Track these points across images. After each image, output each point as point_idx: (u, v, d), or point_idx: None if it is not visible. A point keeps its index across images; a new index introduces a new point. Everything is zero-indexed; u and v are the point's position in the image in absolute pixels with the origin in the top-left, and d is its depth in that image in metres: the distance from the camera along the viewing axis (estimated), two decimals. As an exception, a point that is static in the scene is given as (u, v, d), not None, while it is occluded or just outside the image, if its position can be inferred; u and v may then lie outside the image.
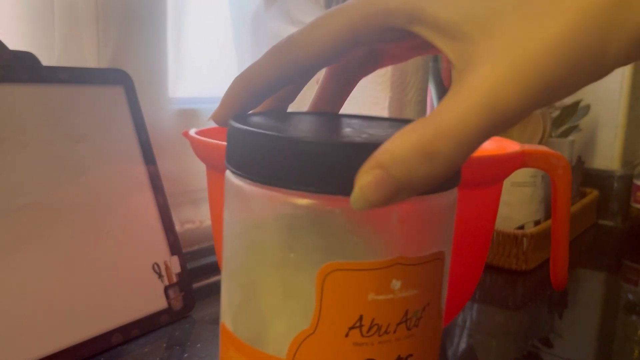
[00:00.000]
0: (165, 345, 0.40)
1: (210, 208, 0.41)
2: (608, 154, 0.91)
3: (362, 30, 0.21)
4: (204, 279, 0.52)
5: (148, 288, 0.43)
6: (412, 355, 0.22)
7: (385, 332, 0.21)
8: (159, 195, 0.46)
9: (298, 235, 0.21)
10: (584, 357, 0.44)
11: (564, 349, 0.44)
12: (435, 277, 0.23)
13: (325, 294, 0.21)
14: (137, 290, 0.42)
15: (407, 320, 0.22)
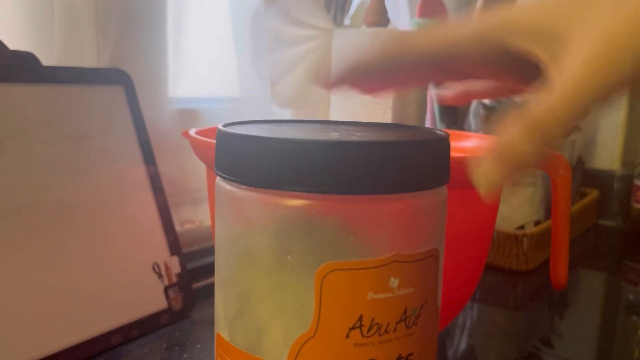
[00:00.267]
0: (165, 346, 0.40)
1: (210, 208, 0.41)
2: (608, 154, 0.91)
3: (462, 45, 0.23)
4: (204, 279, 0.52)
5: (148, 288, 0.43)
6: (412, 354, 0.22)
7: (385, 331, 0.21)
8: (159, 195, 0.46)
9: (294, 237, 0.21)
10: (584, 357, 0.44)
11: (564, 349, 0.44)
12: (431, 274, 0.23)
13: (325, 295, 0.21)
14: (137, 290, 0.42)
15: (406, 319, 0.22)
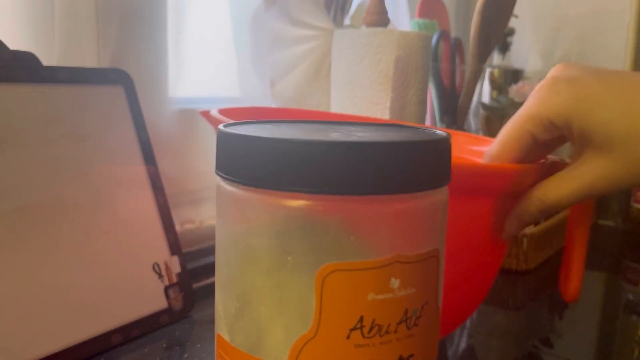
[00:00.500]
0: (165, 346, 0.40)
1: None
2: (608, 154, 0.90)
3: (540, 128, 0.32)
4: (204, 279, 0.52)
5: (148, 288, 0.43)
6: (413, 355, 0.22)
7: (386, 332, 0.21)
8: (159, 195, 0.46)
9: (294, 238, 0.21)
10: (584, 357, 0.44)
11: (564, 349, 0.44)
12: (432, 274, 0.23)
13: (325, 296, 0.21)
14: (137, 290, 0.42)
15: (407, 320, 0.22)
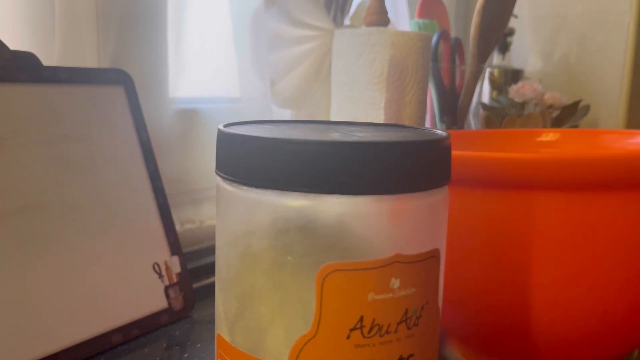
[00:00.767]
0: (165, 345, 0.40)
1: None
2: (608, 154, 0.91)
3: None
4: (204, 279, 0.52)
5: (148, 288, 0.43)
6: (413, 355, 0.22)
7: (386, 332, 0.21)
8: (159, 195, 0.46)
9: (294, 238, 0.21)
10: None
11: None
12: (433, 275, 0.23)
13: (325, 296, 0.21)
14: (137, 290, 0.42)
15: (407, 320, 0.22)
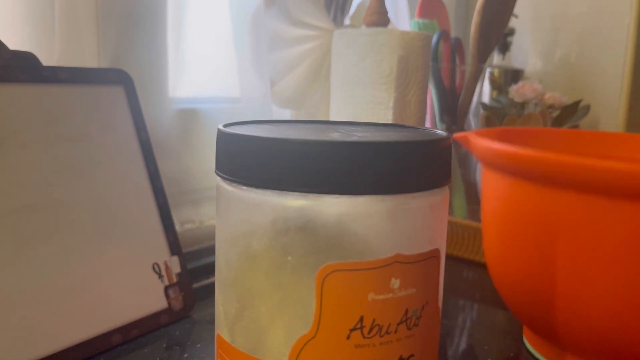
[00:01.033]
0: (165, 345, 0.40)
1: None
2: (608, 154, 0.91)
3: None
4: (204, 279, 0.52)
5: (148, 288, 0.43)
6: (413, 355, 0.22)
7: (387, 332, 0.21)
8: (159, 195, 0.46)
9: (294, 238, 0.21)
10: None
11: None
12: (433, 275, 0.23)
13: (325, 296, 0.21)
14: (137, 290, 0.42)
15: (407, 320, 0.22)
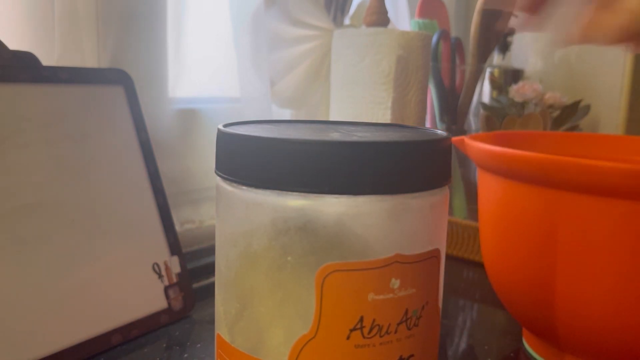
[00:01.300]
0: (165, 345, 0.40)
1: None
2: (608, 154, 0.91)
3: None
4: (204, 279, 0.52)
5: (148, 288, 0.43)
6: (413, 356, 0.22)
7: (387, 332, 0.21)
8: (159, 195, 0.46)
9: (294, 238, 0.21)
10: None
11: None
12: (433, 275, 0.23)
13: (325, 296, 0.21)
14: (137, 290, 0.42)
15: (407, 320, 0.22)
